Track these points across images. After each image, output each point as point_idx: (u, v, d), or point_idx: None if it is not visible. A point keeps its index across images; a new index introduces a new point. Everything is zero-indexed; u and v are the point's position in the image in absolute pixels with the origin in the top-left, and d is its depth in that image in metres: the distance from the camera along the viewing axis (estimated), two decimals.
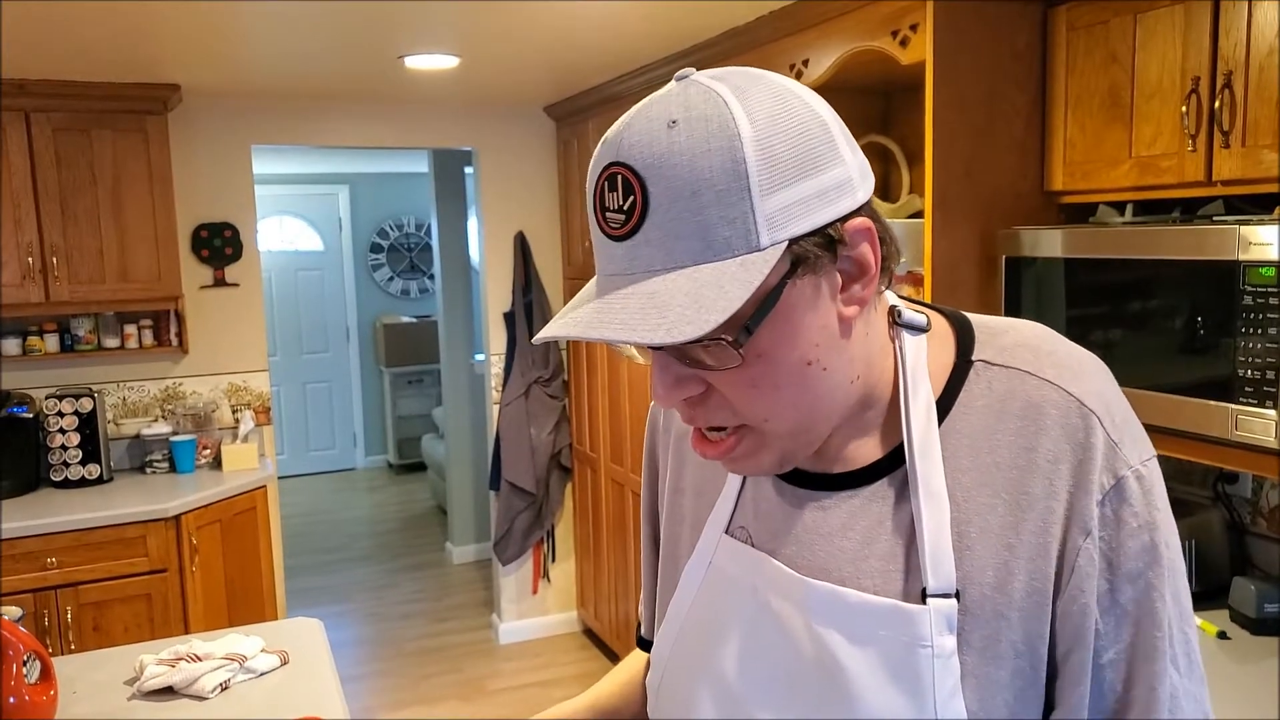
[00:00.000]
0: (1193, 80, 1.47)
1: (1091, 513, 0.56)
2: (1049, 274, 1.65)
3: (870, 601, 0.58)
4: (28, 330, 2.90)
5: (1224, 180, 1.46)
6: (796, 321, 0.54)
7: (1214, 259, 1.36)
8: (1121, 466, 0.56)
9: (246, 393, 3.25)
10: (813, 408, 0.58)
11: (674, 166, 0.51)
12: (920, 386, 0.60)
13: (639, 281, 0.52)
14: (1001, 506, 0.57)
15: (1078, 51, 1.69)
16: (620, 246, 0.53)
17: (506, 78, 2.88)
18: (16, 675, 1.34)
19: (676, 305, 0.50)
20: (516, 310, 3.49)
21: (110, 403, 3.08)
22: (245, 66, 2.61)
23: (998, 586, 0.56)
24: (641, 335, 0.50)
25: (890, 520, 0.59)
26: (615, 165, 0.53)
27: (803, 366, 0.56)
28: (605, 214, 0.54)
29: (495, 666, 3.44)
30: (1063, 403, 0.58)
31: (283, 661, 1.59)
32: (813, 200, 0.52)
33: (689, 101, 0.53)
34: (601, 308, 0.53)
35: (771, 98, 0.53)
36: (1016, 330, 0.63)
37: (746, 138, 0.51)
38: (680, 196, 0.51)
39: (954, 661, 0.55)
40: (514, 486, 3.43)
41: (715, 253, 0.51)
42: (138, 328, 3.00)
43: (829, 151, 0.54)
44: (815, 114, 0.54)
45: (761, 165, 0.51)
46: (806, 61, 2.04)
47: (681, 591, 0.68)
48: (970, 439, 0.59)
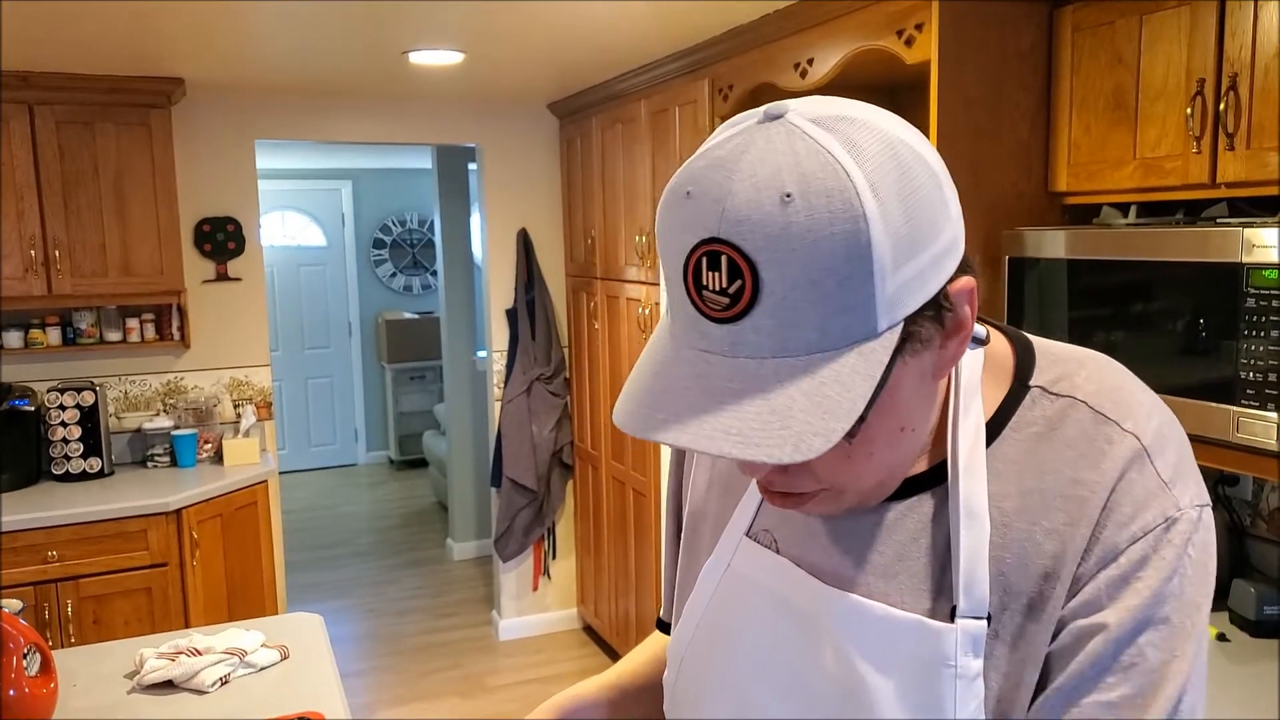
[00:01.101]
0: (1198, 82, 1.47)
1: (1120, 547, 0.53)
2: (1052, 275, 1.65)
3: (894, 615, 0.56)
4: (30, 323, 2.91)
5: (1228, 182, 1.46)
6: (900, 397, 0.52)
7: (1217, 261, 1.36)
8: (1173, 509, 0.54)
9: (248, 387, 3.25)
10: (896, 465, 0.57)
11: (791, 251, 0.45)
12: (972, 404, 0.57)
13: (744, 370, 0.47)
14: (1040, 535, 0.55)
15: (1083, 52, 1.69)
16: (720, 328, 0.48)
17: (510, 74, 2.88)
18: (17, 668, 1.34)
19: (799, 412, 0.46)
20: (519, 307, 3.49)
21: (112, 396, 3.09)
22: (249, 61, 2.61)
23: (1030, 615, 0.55)
24: (768, 453, 0.46)
25: (927, 535, 0.57)
26: (718, 243, 0.47)
27: (897, 434, 0.54)
28: (702, 292, 0.48)
29: (495, 663, 3.45)
30: (1118, 439, 0.55)
31: (283, 656, 1.59)
32: (928, 270, 0.48)
33: (801, 166, 0.46)
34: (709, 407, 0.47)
35: (888, 156, 0.47)
36: (1080, 361, 0.60)
37: (873, 217, 0.46)
38: (798, 284, 0.46)
39: (978, 684, 0.54)
40: (515, 483, 3.43)
41: (831, 342, 0.47)
42: (140, 321, 3.00)
43: (943, 211, 0.49)
44: (928, 167, 0.49)
45: (886, 246, 0.46)
46: (811, 60, 2.04)
47: (699, 592, 0.67)
48: (1017, 465, 0.57)
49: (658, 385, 0.50)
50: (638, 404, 0.51)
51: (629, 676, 0.84)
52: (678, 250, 0.49)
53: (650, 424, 0.49)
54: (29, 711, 1.36)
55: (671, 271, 0.50)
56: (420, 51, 2.49)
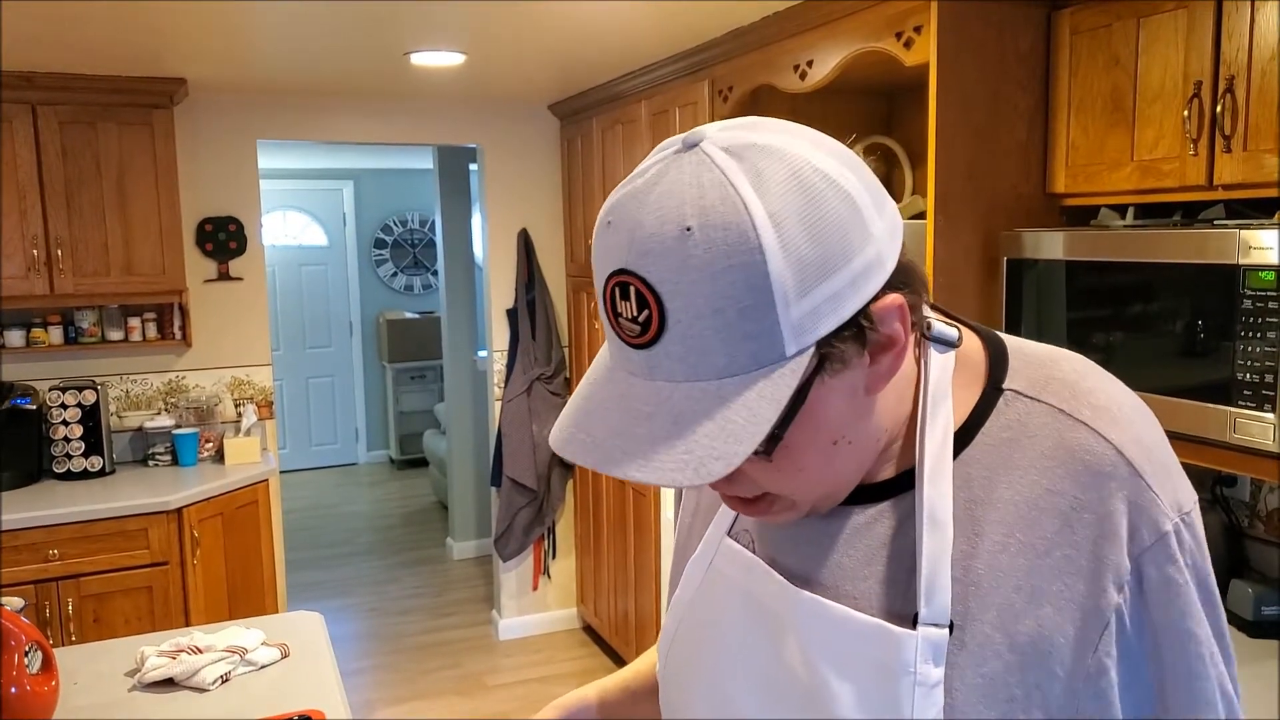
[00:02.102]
0: (1195, 84, 1.47)
1: (1124, 566, 0.53)
2: (1050, 276, 1.66)
3: (856, 619, 0.56)
4: (32, 322, 2.92)
5: (1225, 184, 1.46)
6: (822, 413, 0.52)
7: (1214, 263, 1.36)
8: (1163, 520, 0.53)
9: (249, 386, 3.26)
10: (838, 477, 0.57)
11: (692, 283, 0.47)
12: (940, 409, 0.57)
13: (660, 393, 0.50)
14: (1015, 546, 0.54)
15: (1081, 55, 1.69)
16: (637, 353, 0.50)
17: (511, 75, 2.89)
18: (18, 665, 1.35)
19: (703, 436, 0.48)
20: (519, 307, 3.49)
21: (113, 395, 3.10)
22: (251, 61, 2.62)
23: (999, 626, 0.54)
24: (670, 477, 0.47)
25: (894, 541, 0.57)
26: (626, 274, 0.49)
27: (829, 447, 0.54)
28: (619, 319, 0.51)
29: (495, 662, 3.45)
30: (1097, 448, 0.54)
31: (283, 654, 1.60)
32: (843, 292, 0.49)
33: (704, 199, 0.48)
34: (623, 429, 0.50)
35: (794, 184, 0.48)
36: (1055, 362, 0.59)
37: (770, 249, 0.47)
38: (701, 314, 0.48)
39: (937, 693, 0.53)
40: (515, 483, 3.44)
41: (740, 366, 0.48)
42: (141, 321, 3.01)
43: (859, 234, 0.49)
44: (843, 192, 0.49)
45: (786, 274, 0.47)
46: (811, 62, 2.04)
47: (683, 587, 0.68)
48: (989, 471, 0.56)
49: (587, 405, 0.53)
50: (568, 423, 0.53)
51: (635, 680, 0.84)
52: (600, 278, 0.52)
53: (571, 444, 0.52)
54: (30, 709, 1.36)
55: (598, 298, 0.53)
56: (421, 52, 2.50)
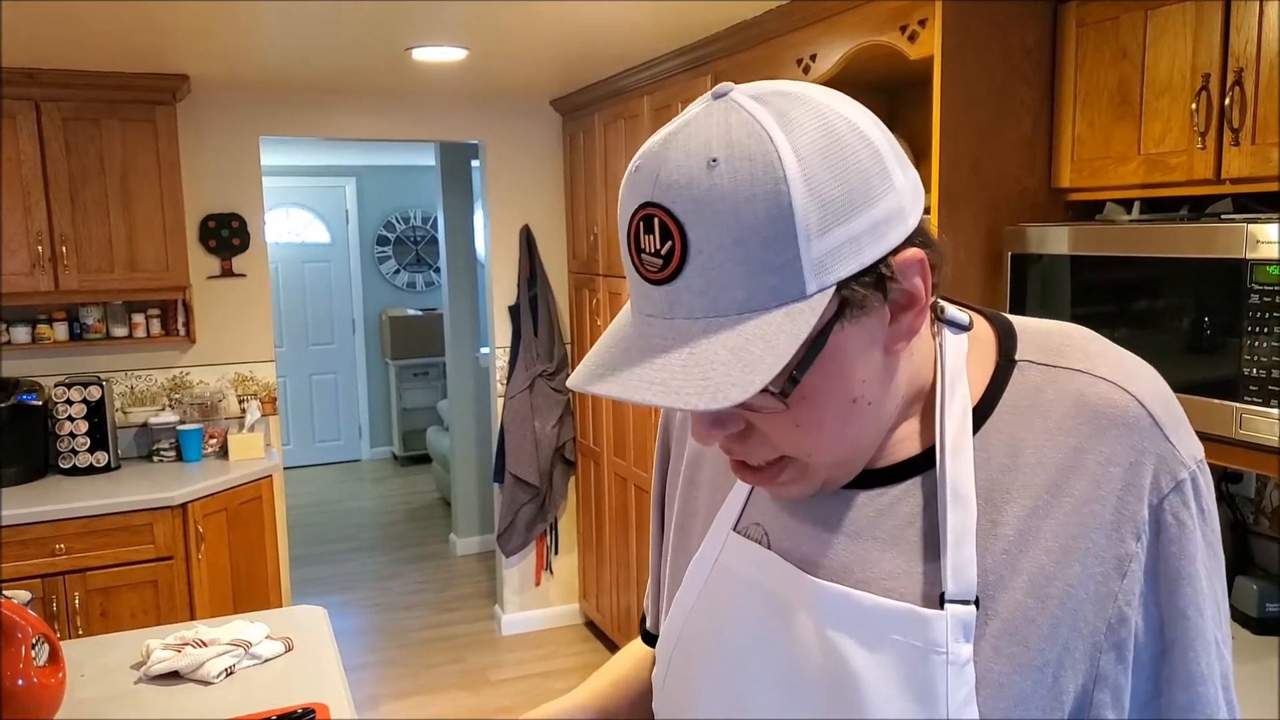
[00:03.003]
0: (1203, 77, 1.47)
1: (1143, 516, 0.54)
2: (1055, 271, 1.65)
3: (884, 605, 0.56)
4: (37, 319, 2.92)
5: (1233, 178, 1.45)
6: (843, 363, 0.52)
7: (1221, 257, 1.35)
8: (1180, 469, 0.55)
9: (253, 383, 3.26)
10: (858, 440, 0.57)
11: (716, 213, 0.48)
12: (958, 387, 0.58)
13: (679, 329, 0.50)
14: (1043, 508, 0.55)
15: (1087, 48, 1.68)
16: (658, 290, 0.51)
17: (513, 71, 2.88)
18: (25, 657, 1.35)
19: (721, 364, 0.48)
20: (521, 304, 3.49)
21: (118, 391, 3.10)
22: (254, 58, 2.62)
23: (1030, 591, 0.54)
24: (685, 400, 0.48)
25: (919, 521, 0.57)
26: (651, 206, 0.50)
27: (848, 404, 0.54)
28: (641, 255, 0.51)
29: (498, 657, 3.46)
30: (1120, 400, 0.56)
31: (287, 648, 1.60)
32: (863, 237, 0.49)
33: (730, 134, 0.49)
34: (640, 361, 0.50)
35: (819, 126, 0.49)
36: (1063, 332, 0.61)
37: (794, 180, 0.47)
38: (723, 245, 0.48)
39: (969, 670, 0.53)
40: (518, 479, 3.44)
41: (760, 302, 0.49)
42: (145, 317, 3.02)
43: (881, 182, 0.50)
44: (866, 140, 0.50)
45: (810, 208, 0.48)
46: (814, 56, 2.04)
47: (686, 587, 0.67)
48: (1012, 440, 0.57)
49: (607, 347, 0.54)
50: (587, 364, 0.54)
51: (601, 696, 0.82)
52: (624, 219, 0.52)
53: (589, 380, 0.52)
54: (37, 701, 1.37)
55: (621, 240, 0.54)
56: (424, 48, 2.49)
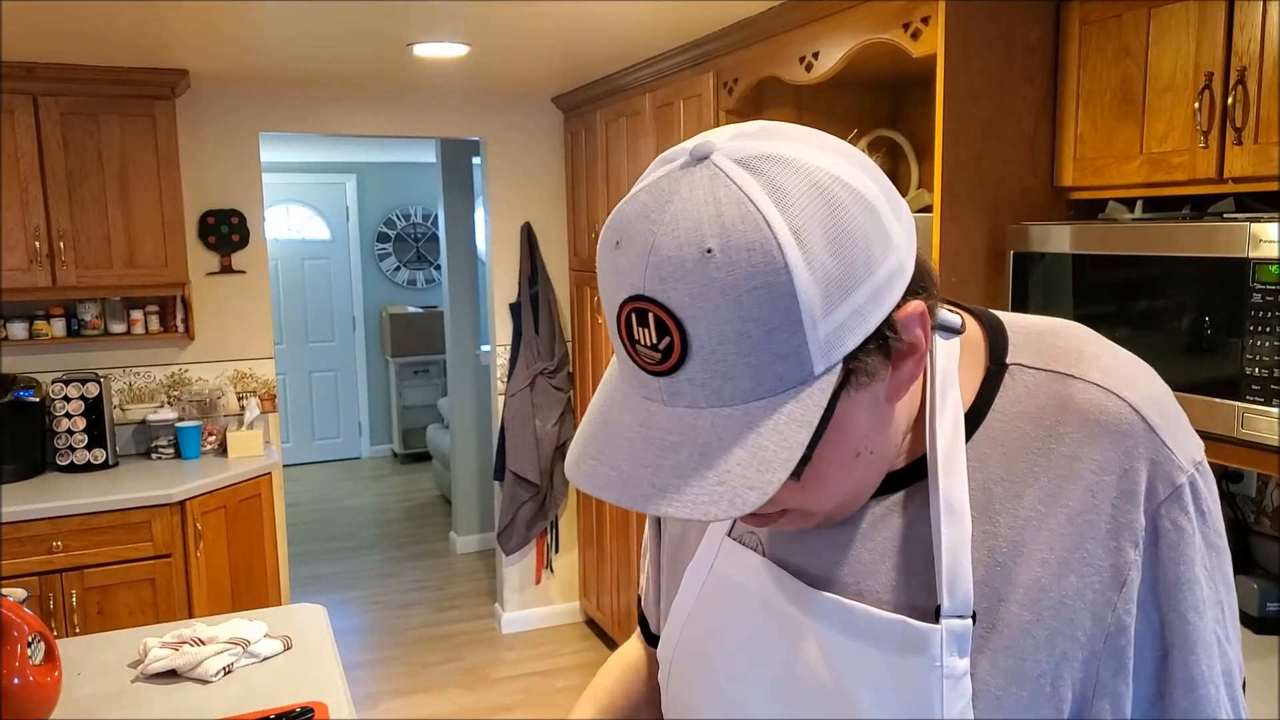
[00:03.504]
0: (1206, 76, 1.46)
1: (1140, 524, 0.53)
2: (1056, 270, 1.64)
3: (879, 616, 0.55)
4: (35, 315, 2.91)
5: (1235, 177, 1.45)
6: (847, 428, 0.51)
7: (1223, 256, 1.35)
8: (1178, 473, 0.53)
9: (252, 380, 3.26)
10: (859, 486, 0.56)
11: (716, 308, 0.45)
12: (949, 396, 0.56)
13: (683, 420, 0.48)
14: (1037, 520, 0.54)
15: (1090, 46, 1.68)
16: (656, 379, 0.48)
17: (515, 67, 2.88)
18: (21, 656, 1.35)
19: (735, 464, 0.46)
20: (522, 301, 3.49)
21: (116, 388, 3.10)
22: (254, 53, 2.61)
23: (1027, 604, 0.53)
24: (703, 511, 0.46)
25: (911, 533, 0.56)
26: (644, 300, 0.47)
27: (851, 459, 0.53)
28: (636, 347, 0.48)
29: (498, 655, 3.46)
30: (1112, 407, 0.54)
31: (286, 647, 1.60)
32: (866, 306, 0.47)
33: (723, 218, 0.45)
34: (645, 458, 0.48)
35: (814, 196, 0.46)
36: (1055, 331, 0.59)
37: (795, 266, 0.45)
38: (725, 339, 0.46)
39: (965, 683, 0.53)
40: (518, 477, 3.43)
41: (767, 389, 0.47)
42: (144, 313, 3.01)
43: (881, 244, 0.48)
44: (863, 200, 0.48)
45: (813, 292, 0.45)
46: (817, 54, 2.03)
47: (683, 593, 0.67)
48: (1004, 448, 0.55)
49: (604, 432, 0.51)
50: (585, 452, 0.51)
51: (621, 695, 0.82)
52: (611, 302, 0.50)
53: (593, 477, 0.50)
54: (33, 700, 1.36)
55: (609, 321, 0.51)
56: (425, 44, 2.49)
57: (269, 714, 1.33)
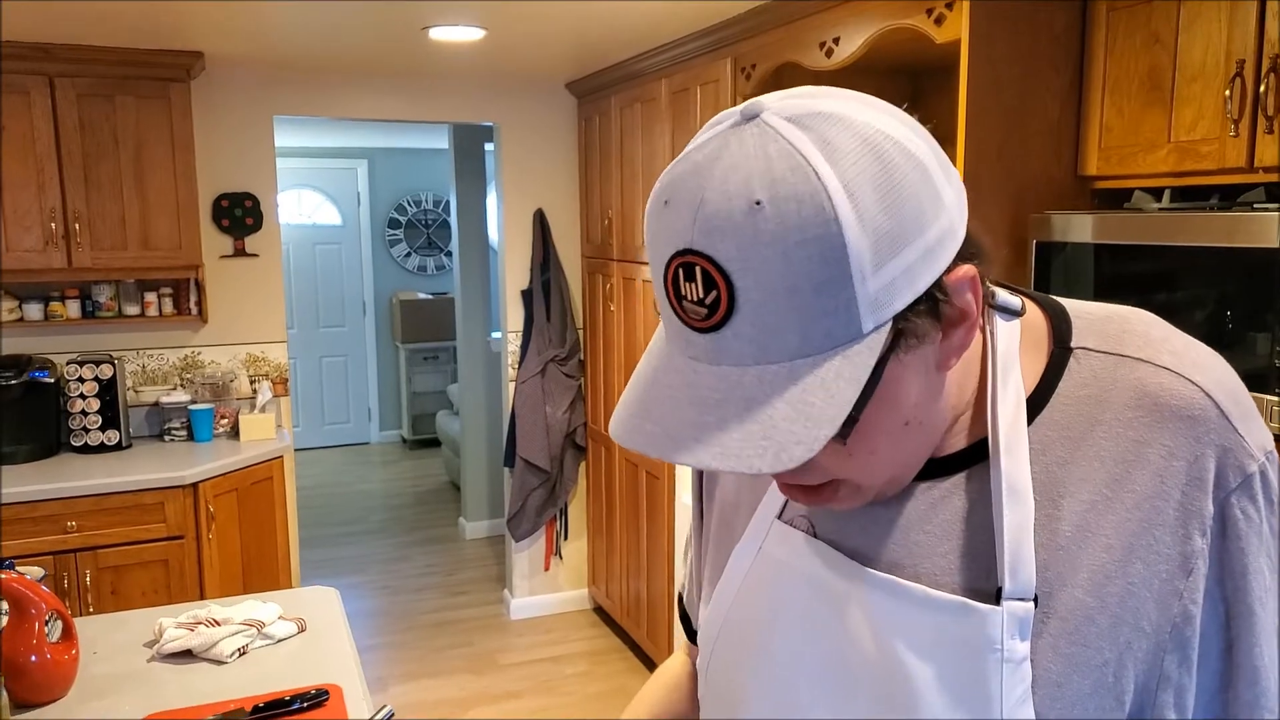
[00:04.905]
0: (1237, 63, 1.43)
1: (1209, 511, 0.52)
2: (1078, 259, 1.62)
3: (939, 598, 0.54)
4: (50, 296, 2.92)
5: (1266, 166, 1.42)
6: (896, 392, 0.51)
7: (1253, 247, 1.33)
8: (1249, 461, 0.53)
9: (265, 363, 3.26)
10: (909, 458, 0.55)
11: (764, 260, 0.45)
12: (1010, 377, 0.55)
13: (728, 378, 0.47)
14: (1102, 504, 0.53)
15: (1118, 32, 1.65)
16: (703, 337, 0.48)
17: (530, 52, 2.86)
18: (39, 634, 1.35)
19: (781, 420, 0.46)
20: (534, 288, 3.48)
21: (130, 370, 3.11)
22: (269, 35, 2.60)
23: (1091, 590, 0.52)
24: (747, 463, 0.46)
25: (972, 515, 0.55)
26: (691, 254, 0.46)
27: (900, 428, 0.53)
28: (682, 302, 0.48)
29: (507, 641, 3.47)
30: (1184, 391, 0.53)
31: (300, 629, 1.60)
32: (917, 265, 0.47)
33: (773, 171, 0.45)
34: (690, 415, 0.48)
35: (866, 152, 0.46)
36: (1122, 316, 0.58)
37: (845, 219, 0.44)
38: (774, 293, 0.45)
39: (1025, 668, 0.52)
40: (528, 464, 3.43)
41: (814, 346, 0.46)
42: (158, 296, 3.01)
43: (932, 203, 0.47)
44: (914, 159, 0.47)
45: (863, 247, 0.45)
46: (838, 40, 2.00)
47: (729, 576, 0.65)
48: (1069, 432, 0.55)
49: (649, 395, 0.51)
50: (630, 413, 0.51)
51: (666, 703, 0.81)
52: (658, 261, 0.49)
53: (638, 435, 0.50)
54: (52, 677, 1.37)
55: (656, 281, 0.50)
56: (441, 27, 2.47)
57: (284, 695, 1.33)
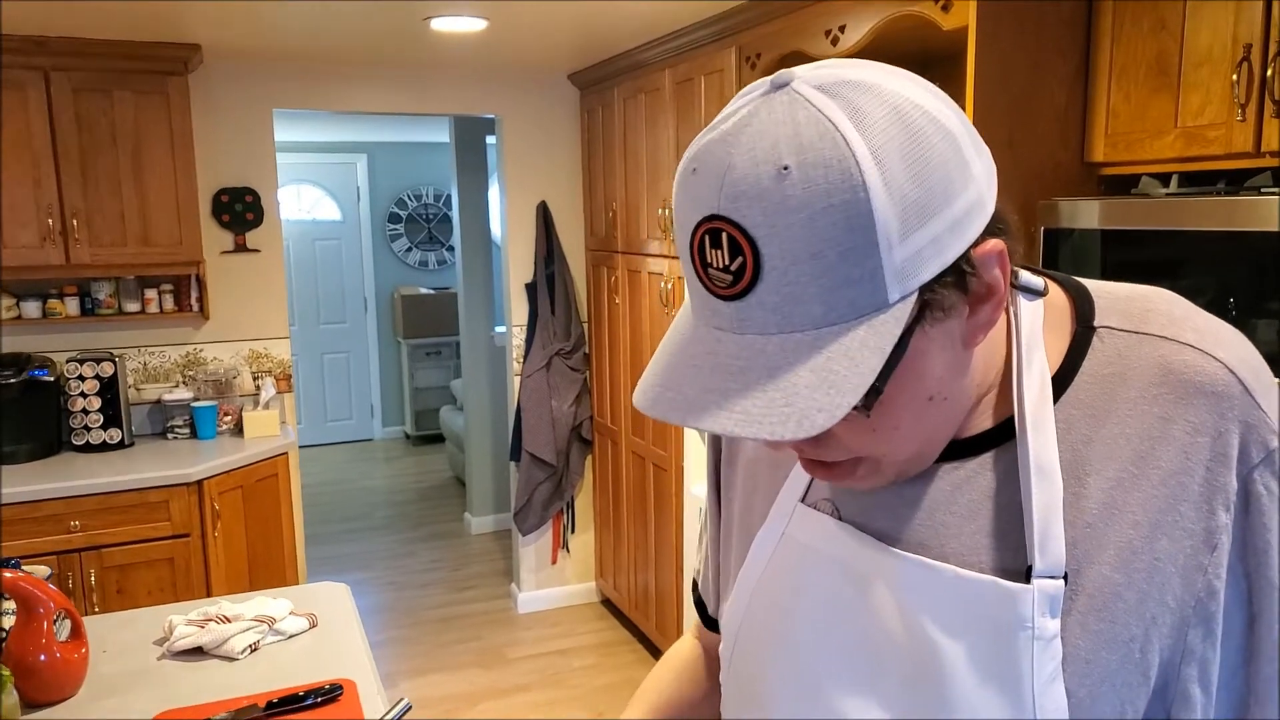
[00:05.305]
0: (1244, 48, 1.42)
1: (1232, 487, 0.52)
2: (1086, 246, 1.61)
3: (969, 578, 0.54)
4: (48, 293, 2.91)
5: (1272, 151, 1.41)
6: (922, 365, 0.50)
7: (1260, 230, 1.32)
8: (1271, 437, 0.52)
9: (267, 359, 3.25)
10: (933, 435, 0.55)
11: (790, 226, 0.45)
12: (1035, 356, 0.55)
13: (752, 347, 0.47)
14: (1129, 481, 0.53)
15: (1125, 18, 1.64)
16: (727, 305, 0.48)
17: (532, 43, 2.84)
18: (48, 633, 1.35)
19: (803, 387, 0.46)
20: (538, 281, 3.47)
21: (131, 368, 3.10)
22: (267, 28, 2.58)
23: (1118, 566, 0.53)
24: (769, 430, 0.45)
25: (1000, 494, 0.55)
26: (718, 220, 0.46)
27: (924, 403, 0.52)
28: (707, 269, 0.48)
29: (515, 635, 3.47)
30: (1208, 368, 0.53)
31: (311, 624, 1.60)
32: (944, 236, 0.46)
33: (800, 136, 0.45)
34: (713, 383, 0.48)
35: (894, 120, 0.46)
36: (1144, 296, 0.58)
37: (873, 186, 0.44)
38: (799, 259, 0.45)
39: (1055, 645, 0.52)
40: (534, 458, 3.43)
41: (839, 315, 0.46)
42: (158, 292, 3.00)
43: (961, 174, 0.47)
44: (943, 129, 0.47)
45: (890, 215, 0.45)
46: (843, 27, 1.99)
47: (752, 561, 0.65)
48: (1094, 410, 0.55)
49: (673, 363, 0.51)
50: (652, 383, 0.51)
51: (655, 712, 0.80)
52: (684, 228, 0.49)
53: (660, 402, 0.50)
54: (61, 676, 1.37)
55: (682, 250, 0.50)
56: (443, 18, 2.45)
57: (298, 690, 1.33)
